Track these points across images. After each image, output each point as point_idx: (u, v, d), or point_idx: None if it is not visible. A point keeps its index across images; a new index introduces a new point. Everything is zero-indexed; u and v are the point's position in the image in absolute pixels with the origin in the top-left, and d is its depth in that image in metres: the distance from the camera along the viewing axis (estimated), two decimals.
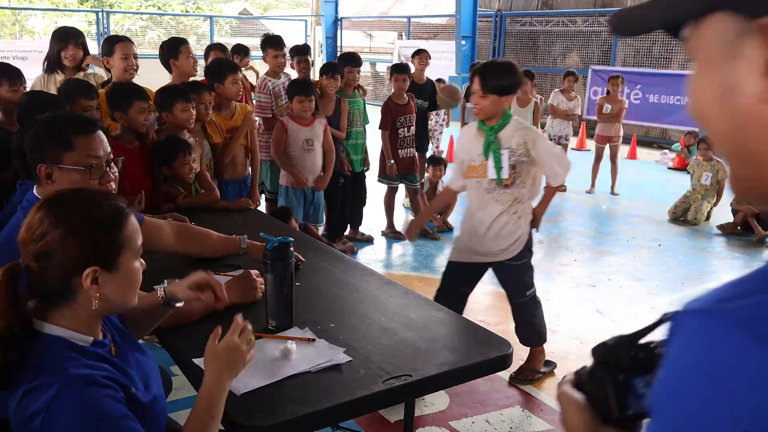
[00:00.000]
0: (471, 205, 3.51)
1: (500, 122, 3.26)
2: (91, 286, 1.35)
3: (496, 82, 3.17)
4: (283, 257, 2.09)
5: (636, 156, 11.88)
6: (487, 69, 3.24)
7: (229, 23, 26.47)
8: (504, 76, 3.19)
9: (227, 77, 4.29)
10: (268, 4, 34.13)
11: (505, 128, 3.27)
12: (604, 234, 6.95)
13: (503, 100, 3.22)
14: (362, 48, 20.69)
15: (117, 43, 4.11)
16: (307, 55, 5.94)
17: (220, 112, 4.34)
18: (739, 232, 7.02)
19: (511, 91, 3.25)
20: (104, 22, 17.55)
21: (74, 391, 1.26)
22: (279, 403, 1.68)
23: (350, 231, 6.23)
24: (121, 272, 1.40)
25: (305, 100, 4.84)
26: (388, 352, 2.01)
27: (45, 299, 1.37)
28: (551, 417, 3.39)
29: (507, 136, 3.27)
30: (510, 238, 3.44)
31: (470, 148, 3.38)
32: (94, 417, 1.27)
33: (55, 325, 1.35)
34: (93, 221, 1.38)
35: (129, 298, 1.46)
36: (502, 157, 3.23)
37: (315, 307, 2.29)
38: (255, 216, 3.72)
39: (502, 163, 3.24)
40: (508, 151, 3.24)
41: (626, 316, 4.77)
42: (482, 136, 3.30)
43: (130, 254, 1.42)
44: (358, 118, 5.78)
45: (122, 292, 1.43)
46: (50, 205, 1.38)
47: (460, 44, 16.06)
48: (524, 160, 3.28)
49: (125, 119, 3.46)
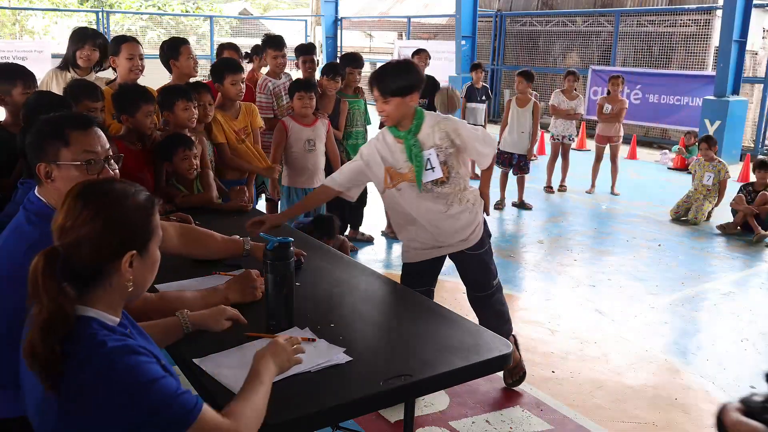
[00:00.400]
0: (407, 210, 3.20)
1: (414, 123, 3.04)
2: (128, 270, 1.45)
3: (393, 84, 2.95)
4: (283, 257, 2.10)
5: (636, 156, 11.89)
6: (383, 72, 3.01)
7: (229, 23, 26.48)
8: (403, 75, 2.97)
9: (226, 78, 4.29)
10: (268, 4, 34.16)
11: (422, 128, 3.05)
12: (604, 234, 6.96)
13: (407, 100, 2.99)
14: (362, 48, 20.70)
15: (123, 43, 4.10)
16: (313, 55, 5.89)
17: (225, 112, 4.35)
18: (739, 232, 7.03)
19: (414, 89, 3.00)
20: (104, 23, 17.55)
21: (117, 360, 1.36)
22: (279, 403, 1.68)
23: (350, 231, 6.23)
24: (149, 257, 1.52)
25: (305, 97, 4.84)
26: (388, 352, 2.02)
27: (81, 283, 1.44)
28: (551, 417, 3.40)
29: (426, 134, 3.06)
30: (470, 227, 3.27)
31: (392, 157, 3.12)
32: (139, 380, 1.36)
33: (89, 307, 1.43)
34: (132, 209, 1.47)
35: (149, 281, 1.57)
36: (430, 158, 3.04)
37: (315, 307, 2.29)
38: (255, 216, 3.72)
39: (432, 164, 3.04)
40: (435, 149, 3.05)
41: (626, 316, 4.77)
42: (401, 143, 3.07)
43: (156, 241, 1.54)
44: (359, 118, 5.78)
45: (147, 276, 1.54)
46: (89, 194, 1.46)
47: (460, 44, 16.07)
48: (451, 152, 3.09)
49: (132, 122, 3.48)
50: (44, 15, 24.39)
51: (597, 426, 3.33)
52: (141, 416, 1.35)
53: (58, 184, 1.90)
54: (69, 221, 1.42)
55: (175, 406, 1.38)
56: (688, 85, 12.70)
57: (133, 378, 1.35)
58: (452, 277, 5.49)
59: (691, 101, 12.56)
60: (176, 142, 3.60)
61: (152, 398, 1.36)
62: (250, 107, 4.59)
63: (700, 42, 13.31)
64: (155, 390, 1.37)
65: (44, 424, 1.44)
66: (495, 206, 7.82)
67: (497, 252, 6.16)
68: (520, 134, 7.64)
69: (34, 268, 1.37)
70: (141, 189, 1.55)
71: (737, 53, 11.30)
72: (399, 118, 3.02)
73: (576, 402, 3.55)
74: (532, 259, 6.02)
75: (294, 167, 4.98)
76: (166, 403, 1.37)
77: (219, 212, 3.60)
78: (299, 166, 4.99)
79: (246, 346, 1.98)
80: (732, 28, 11.07)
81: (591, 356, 4.09)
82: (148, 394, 1.36)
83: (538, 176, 8.94)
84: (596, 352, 4.15)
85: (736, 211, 7.10)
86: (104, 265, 1.44)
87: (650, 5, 14.82)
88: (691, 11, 13.44)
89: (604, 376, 3.84)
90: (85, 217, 1.42)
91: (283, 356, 1.74)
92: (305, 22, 22.45)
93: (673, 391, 3.70)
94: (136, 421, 1.35)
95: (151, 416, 1.36)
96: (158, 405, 1.37)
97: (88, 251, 1.42)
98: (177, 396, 1.40)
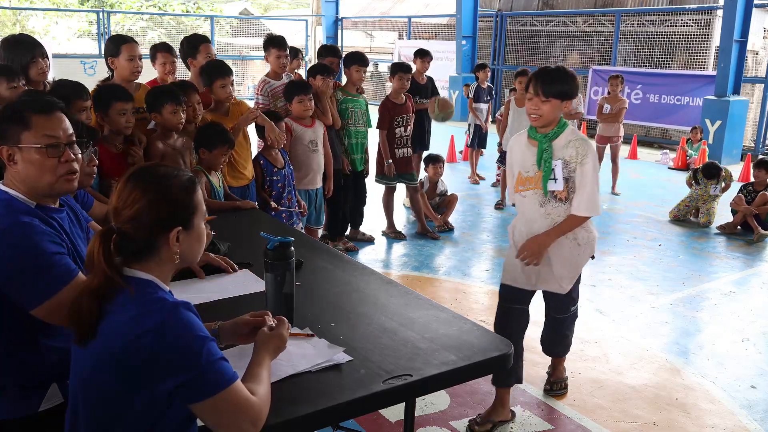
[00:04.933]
0: (523, 219, 3.21)
1: (555, 130, 3.03)
2: (175, 243, 1.59)
3: (558, 86, 2.95)
4: (283, 257, 2.10)
5: (636, 156, 11.88)
6: (548, 73, 3.01)
7: (230, 23, 26.49)
8: (567, 80, 2.98)
9: (215, 81, 4.23)
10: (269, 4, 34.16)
11: (559, 137, 3.03)
12: (604, 234, 6.95)
13: (563, 105, 2.99)
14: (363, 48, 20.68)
15: (123, 44, 4.06)
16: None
17: (215, 112, 4.32)
18: (739, 232, 7.03)
19: (572, 96, 3.02)
20: (105, 23, 17.56)
21: (178, 312, 1.50)
22: (279, 403, 1.68)
23: (351, 231, 6.23)
24: (194, 231, 1.64)
25: (305, 99, 4.84)
26: (389, 351, 2.02)
27: (134, 256, 1.59)
28: (551, 416, 3.40)
29: (561, 146, 3.02)
30: (567, 268, 3.16)
31: (523, 159, 3.14)
32: (195, 333, 1.49)
33: (145, 272, 1.58)
34: (175, 188, 1.61)
35: (196, 254, 1.70)
36: (555, 168, 2.99)
37: (315, 306, 2.29)
38: (256, 216, 3.73)
39: (555, 174, 2.99)
40: (561, 161, 2.99)
41: (627, 316, 4.77)
42: (534, 145, 3.07)
43: (200, 216, 1.66)
44: (360, 117, 5.78)
45: (194, 248, 1.67)
46: (137, 177, 1.60)
47: (461, 44, 16.08)
48: (574, 176, 3.01)
49: (107, 121, 3.43)
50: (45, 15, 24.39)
51: (597, 426, 3.33)
52: (186, 370, 1.45)
53: (19, 167, 1.90)
54: (120, 202, 1.57)
55: (216, 368, 1.49)
56: (688, 85, 12.70)
57: (188, 331, 1.48)
58: (453, 276, 5.50)
59: (691, 101, 12.56)
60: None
61: (201, 354, 1.47)
62: (240, 107, 4.48)
63: (700, 42, 13.32)
64: (205, 347, 1.48)
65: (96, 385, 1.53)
66: (495, 206, 7.83)
67: (498, 251, 6.16)
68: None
69: (91, 246, 1.53)
70: (184, 170, 1.69)
71: (738, 53, 11.30)
72: (550, 120, 3.01)
73: (576, 402, 3.55)
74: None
75: (298, 168, 4.97)
76: (210, 362, 1.48)
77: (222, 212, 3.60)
78: (304, 166, 4.99)
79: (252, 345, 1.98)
80: (733, 27, 11.07)
81: (591, 356, 4.09)
82: (199, 349, 1.47)
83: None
84: (597, 352, 4.15)
85: (736, 211, 7.09)
86: (154, 241, 1.58)
87: (651, 5, 14.82)
88: (692, 11, 13.44)
89: (605, 376, 3.84)
90: (134, 198, 1.56)
91: (279, 343, 1.80)
92: (306, 22, 22.46)
93: (673, 391, 3.70)
94: (181, 375, 1.45)
95: (194, 370, 1.46)
96: (204, 362, 1.47)
97: (139, 228, 1.56)
98: (220, 360, 1.50)
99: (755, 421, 3.43)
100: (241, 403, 1.51)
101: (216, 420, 1.51)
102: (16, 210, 1.87)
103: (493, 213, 7.65)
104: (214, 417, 1.50)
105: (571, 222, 3.06)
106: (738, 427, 3.37)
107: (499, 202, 7.85)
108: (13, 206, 1.88)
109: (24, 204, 1.90)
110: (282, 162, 4.60)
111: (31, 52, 3.77)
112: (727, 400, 3.63)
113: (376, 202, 6.52)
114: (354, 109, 5.72)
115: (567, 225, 3.07)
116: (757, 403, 3.62)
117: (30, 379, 1.90)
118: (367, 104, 5.96)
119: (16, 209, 1.87)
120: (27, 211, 1.88)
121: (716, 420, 3.43)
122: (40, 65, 3.80)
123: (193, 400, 1.48)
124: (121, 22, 23.44)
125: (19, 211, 1.86)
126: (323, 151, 5.15)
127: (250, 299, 2.37)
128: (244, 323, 1.92)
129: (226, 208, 3.71)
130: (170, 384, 1.46)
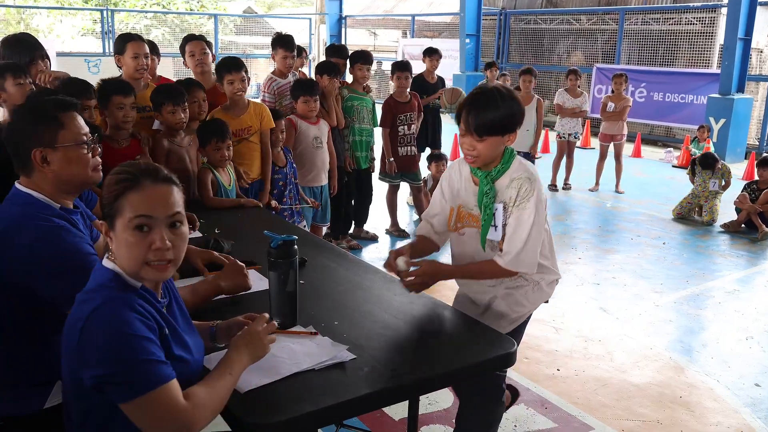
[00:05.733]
0: (464, 260, 2.63)
1: (499, 167, 2.44)
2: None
3: (495, 120, 2.34)
4: (287, 255, 2.10)
5: (640, 154, 11.86)
6: (478, 104, 2.36)
7: (234, 21, 26.48)
8: (504, 108, 2.35)
9: (224, 77, 4.27)
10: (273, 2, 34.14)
11: (504, 175, 2.44)
12: (608, 232, 6.95)
13: (505, 139, 2.40)
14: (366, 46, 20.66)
15: (128, 42, 4.08)
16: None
17: (227, 111, 4.34)
18: (743, 230, 7.02)
19: (516, 126, 2.42)
20: (109, 21, 17.58)
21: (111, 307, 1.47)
22: (283, 401, 1.69)
23: (355, 229, 6.23)
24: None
25: (310, 101, 4.86)
26: (392, 349, 2.02)
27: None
28: (555, 415, 3.40)
29: (504, 185, 2.44)
30: (514, 307, 2.58)
31: (465, 194, 2.57)
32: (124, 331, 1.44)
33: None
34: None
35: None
36: (496, 213, 2.42)
37: (319, 304, 2.29)
38: (257, 215, 3.73)
39: (495, 221, 2.42)
40: (502, 205, 2.43)
41: (631, 314, 4.76)
42: (476, 183, 2.50)
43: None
44: (366, 115, 5.78)
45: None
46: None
47: (465, 42, 16.06)
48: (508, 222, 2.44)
49: (107, 115, 3.47)
50: (49, 13, 24.42)
51: (601, 424, 3.33)
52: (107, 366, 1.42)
53: (54, 167, 1.95)
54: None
55: (142, 369, 1.44)
56: (692, 83, 12.66)
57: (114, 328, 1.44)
58: None
59: (695, 99, 12.53)
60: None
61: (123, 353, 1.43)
62: (260, 108, 4.55)
63: (704, 40, 13.28)
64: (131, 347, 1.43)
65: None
66: None
67: None
68: (525, 132, 7.62)
69: None
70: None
71: (742, 51, 11.27)
72: (491, 159, 2.42)
73: (580, 400, 3.55)
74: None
75: (303, 165, 4.98)
76: (137, 362, 1.43)
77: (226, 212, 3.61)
78: (308, 163, 5.00)
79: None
80: (737, 25, 11.04)
81: (595, 354, 4.09)
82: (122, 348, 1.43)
83: (542, 174, 8.90)
84: (601, 350, 4.14)
85: (740, 210, 7.08)
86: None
87: (655, 3, 14.79)
88: (696, 9, 13.40)
89: (609, 374, 3.84)
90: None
91: (257, 345, 1.73)
92: (309, 20, 22.46)
93: (677, 389, 3.70)
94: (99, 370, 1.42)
95: (114, 369, 1.42)
96: (127, 362, 1.43)
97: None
98: (149, 361, 1.45)
99: (759, 419, 3.43)
100: (169, 408, 1.46)
101: (141, 422, 1.46)
102: (51, 214, 1.94)
103: None
104: (139, 419, 1.46)
105: (492, 269, 2.44)
106: (742, 425, 3.36)
107: None
108: (45, 209, 1.94)
109: (51, 207, 1.97)
110: (284, 160, 4.62)
111: (30, 53, 3.77)
112: (731, 399, 3.63)
113: (379, 200, 6.52)
114: (360, 107, 5.72)
115: (487, 270, 2.46)
116: (761, 401, 3.61)
117: (38, 377, 1.91)
118: (374, 103, 5.96)
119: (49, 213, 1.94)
120: (57, 215, 1.95)
121: (720, 418, 3.42)
122: (40, 66, 3.80)
123: (118, 400, 1.45)
124: (125, 20, 23.46)
125: (53, 215, 1.93)
126: (328, 148, 5.16)
127: (254, 298, 2.37)
128: (237, 325, 1.91)
129: (230, 206, 3.72)
130: (88, 377, 1.43)
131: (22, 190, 1.96)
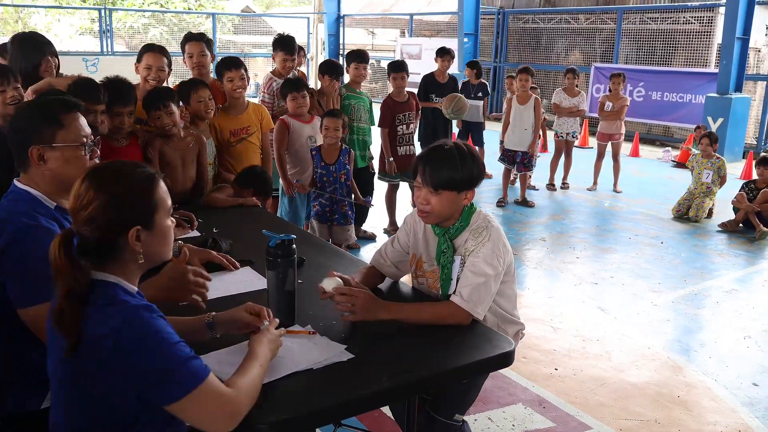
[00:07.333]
0: None
1: (457, 225, 2.32)
2: (136, 243, 1.56)
3: (451, 176, 2.24)
4: (285, 254, 2.10)
5: (638, 153, 11.87)
6: (435, 158, 2.27)
7: (232, 20, 26.45)
8: (464, 165, 2.24)
9: (224, 75, 4.27)
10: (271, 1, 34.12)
11: (462, 233, 2.33)
12: (606, 231, 6.95)
13: (462, 197, 2.28)
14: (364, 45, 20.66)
15: (145, 53, 4.04)
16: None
17: (226, 111, 4.33)
18: (741, 230, 7.02)
19: (474, 183, 2.30)
20: (107, 20, 17.55)
21: (137, 316, 1.48)
22: (281, 401, 1.69)
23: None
24: (156, 229, 1.61)
25: (298, 97, 4.83)
26: (390, 349, 2.02)
27: (98, 258, 1.56)
28: (553, 414, 3.40)
29: (462, 239, 2.33)
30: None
31: (426, 246, 2.47)
32: (159, 336, 1.47)
33: (110, 274, 1.56)
34: (132, 186, 1.57)
35: (162, 252, 1.67)
36: (453, 267, 2.31)
37: (317, 304, 2.29)
38: (257, 214, 3.73)
39: (453, 274, 2.31)
40: (460, 258, 2.31)
41: (629, 313, 4.77)
42: (435, 239, 2.40)
43: (162, 213, 1.63)
44: (363, 114, 5.79)
45: (158, 247, 1.64)
46: (93, 176, 1.57)
47: (463, 42, 16.04)
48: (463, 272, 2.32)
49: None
50: (47, 12, 24.38)
51: (599, 423, 3.33)
52: (151, 374, 1.45)
53: (51, 165, 1.97)
54: (77, 203, 1.54)
55: (185, 368, 1.48)
56: (690, 83, 12.68)
57: (149, 335, 1.46)
58: None
59: (693, 98, 12.55)
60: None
61: (165, 357, 1.47)
62: (260, 109, 4.54)
63: (702, 39, 13.29)
64: (170, 349, 1.48)
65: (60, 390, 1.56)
66: (497, 204, 7.82)
67: None
68: (523, 131, 7.63)
69: (52, 248, 1.48)
70: (142, 166, 1.64)
71: (740, 50, 11.28)
72: (446, 216, 2.31)
73: (578, 399, 3.55)
74: (534, 257, 6.02)
75: (298, 164, 4.98)
76: (179, 362, 1.47)
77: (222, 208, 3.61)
78: (303, 162, 5.00)
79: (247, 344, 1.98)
80: (735, 25, 11.05)
81: (593, 354, 4.09)
82: (162, 352, 1.46)
83: (540, 174, 8.92)
84: (599, 350, 4.15)
85: (738, 209, 7.09)
86: (114, 242, 1.55)
87: (653, 2, 14.80)
88: (694, 8, 13.41)
89: (607, 374, 3.84)
90: (89, 198, 1.53)
91: (277, 343, 1.83)
92: (308, 19, 22.44)
93: (675, 389, 3.70)
94: (146, 378, 1.45)
95: (160, 374, 1.46)
96: (169, 365, 1.46)
97: (96, 230, 1.53)
98: (188, 359, 1.49)
99: (757, 418, 3.43)
100: (216, 398, 1.51)
101: (193, 417, 1.52)
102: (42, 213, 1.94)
103: (494, 211, 7.65)
104: (190, 415, 1.51)
105: (447, 310, 2.22)
106: (739, 425, 3.37)
107: (500, 200, 7.84)
108: (38, 207, 1.95)
109: (46, 206, 1.98)
110: (333, 158, 4.83)
111: (41, 51, 3.78)
112: (728, 398, 3.63)
113: (378, 200, 6.51)
114: (357, 105, 5.72)
115: (439, 312, 2.23)
116: (758, 400, 3.62)
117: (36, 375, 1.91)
118: (371, 102, 5.96)
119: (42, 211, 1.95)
120: (50, 215, 1.96)
121: (718, 417, 3.43)
122: (50, 64, 3.82)
123: (165, 402, 1.48)
124: (122, 19, 23.43)
125: (42, 215, 1.94)
126: None
127: (252, 297, 2.36)
128: (241, 320, 1.92)
129: (230, 205, 3.71)
130: (131, 388, 1.46)
131: (20, 187, 1.99)
